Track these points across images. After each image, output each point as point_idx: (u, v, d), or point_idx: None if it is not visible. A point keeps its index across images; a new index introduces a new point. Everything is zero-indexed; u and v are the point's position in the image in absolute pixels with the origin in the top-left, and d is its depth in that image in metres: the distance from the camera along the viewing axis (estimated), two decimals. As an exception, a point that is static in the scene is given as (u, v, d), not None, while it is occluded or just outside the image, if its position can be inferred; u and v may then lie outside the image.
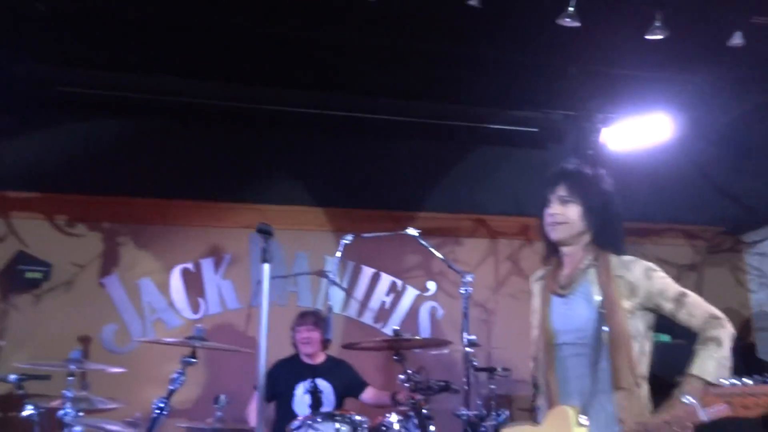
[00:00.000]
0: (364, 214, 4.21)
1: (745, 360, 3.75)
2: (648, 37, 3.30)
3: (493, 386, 3.19)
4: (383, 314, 4.15)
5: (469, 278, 3.39)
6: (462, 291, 3.39)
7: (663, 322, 4.14)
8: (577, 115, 4.41)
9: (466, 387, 3.25)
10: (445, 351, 3.55)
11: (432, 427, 2.83)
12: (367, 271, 4.20)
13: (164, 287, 3.87)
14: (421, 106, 4.11)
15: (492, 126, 4.26)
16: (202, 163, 4.08)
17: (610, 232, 1.87)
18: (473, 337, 3.22)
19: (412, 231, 3.45)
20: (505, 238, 4.48)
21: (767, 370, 3.51)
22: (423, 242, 3.45)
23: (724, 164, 4.75)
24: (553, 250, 1.96)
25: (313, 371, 3.23)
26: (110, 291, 3.82)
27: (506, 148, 4.50)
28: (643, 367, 1.77)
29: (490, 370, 3.17)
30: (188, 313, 3.85)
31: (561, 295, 1.90)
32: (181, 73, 3.75)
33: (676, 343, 3.81)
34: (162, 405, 2.27)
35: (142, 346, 3.76)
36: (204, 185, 4.05)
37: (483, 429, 3.03)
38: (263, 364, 1.96)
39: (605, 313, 1.76)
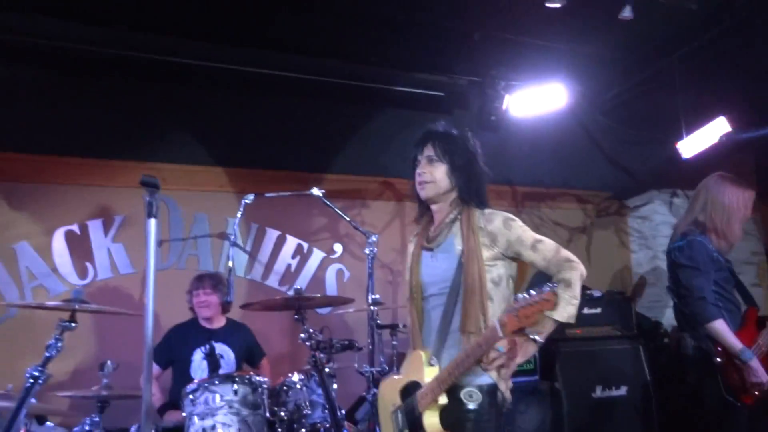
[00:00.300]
0: (268, 174, 4.08)
1: (623, 312, 4.08)
2: (548, 5, 3.42)
3: (395, 343, 3.25)
4: (289, 277, 4.09)
5: (374, 238, 3.42)
6: (367, 252, 3.42)
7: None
8: (482, 81, 4.51)
9: (370, 345, 3.31)
10: (351, 310, 3.57)
11: (334, 385, 2.85)
12: (272, 234, 4.09)
13: (45, 251, 3.55)
14: (327, 65, 4.01)
15: (398, 88, 4.24)
16: (89, 118, 3.73)
17: (473, 189, 2.00)
18: (377, 296, 3.27)
19: (316, 191, 3.40)
20: (412, 201, 4.50)
21: (643, 323, 3.82)
22: (328, 203, 3.42)
23: (612, 134, 5.07)
24: (425, 209, 2.11)
25: (212, 335, 3.14)
26: (-21, 256, 3.45)
27: (413, 112, 4.51)
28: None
29: (393, 327, 3.22)
30: (74, 279, 3.56)
31: (429, 249, 2.02)
32: (65, 15, 3.39)
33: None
34: (36, 374, 2.09)
35: (19, 316, 3.45)
36: (91, 141, 3.71)
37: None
38: (150, 326, 1.83)
39: (464, 262, 1.88)
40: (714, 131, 4.02)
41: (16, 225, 3.52)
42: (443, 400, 1.76)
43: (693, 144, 4.19)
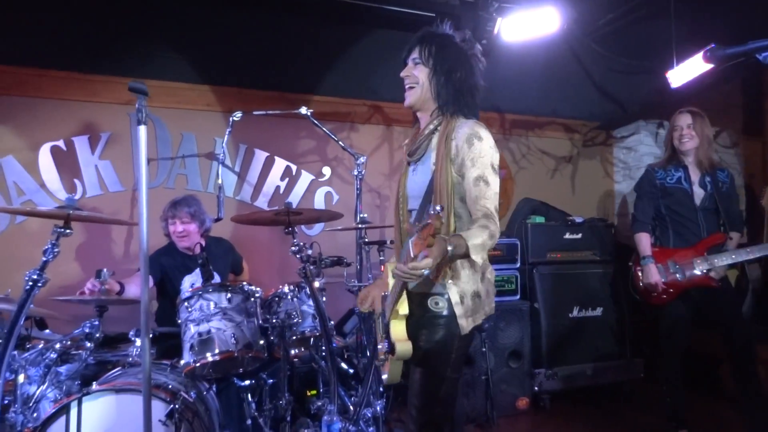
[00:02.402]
0: (256, 94, 4.02)
1: (603, 239, 4.21)
2: None
3: (382, 259, 3.35)
4: (278, 198, 4.12)
5: (362, 159, 3.45)
6: (355, 173, 3.46)
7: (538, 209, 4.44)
8: (474, 2, 4.40)
9: (358, 262, 3.41)
10: (339, 228, 3.63)
11: (324, 298, 2.96)
12: (261, 155, 4.09)
13: (32, 167, 3.52)
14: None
15: (389, 7, 4.12)
16: (73, 30, 3.60)
17: (451, 95, 1.85)
18: (365, 215, 3.34)
19: (304, 110, 3.38)
20: (400, 126, 4.53)
21: (624, 250, 3.93)
22: (316, 122, 3.41)
23: (603, 62, 5.04)
24: (415, 117, 2.00)
25: (196, 261, 3.09)
26: (-35, 170, 3.42)
27: (403, 33, 4.41)
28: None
29: (380, 244, 3.31)
30: (63, 195, 3.55)
31: (411, 162, 1.96)
32: None
33: (548, 224, 4.20)
34: (35, 277, 2.14)
35: (11, 229, 3.47)
36: (75, 55, 3.60)
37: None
38: (145, 230, 1.87)
39: (433, 175, 1.82)
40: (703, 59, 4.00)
41: (2, 139, 3.48)
42: (403, 310, 1.77)
43: (682, 73, 4.18)
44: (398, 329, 1.79)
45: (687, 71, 4.15)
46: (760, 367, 3.30)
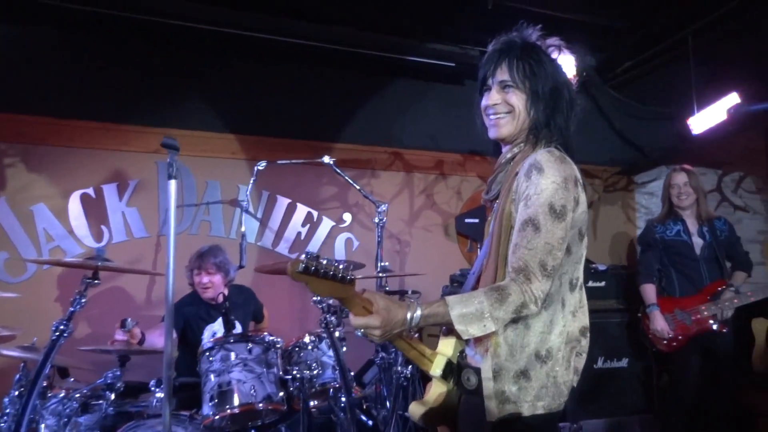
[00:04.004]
0: (280, 142, 4.11)
1: (627, 286, 4.14)
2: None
3: (408, 301, 3.32)
4: (299, 245, 4.15)
5: (383, 207, 3.48)
6: (376, 220, 3.48)
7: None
8: (493, 52, 4.49)
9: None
10: (359, 277, 3.63)
11: (344, 348, 2.93)
12: (283, 201, 4.15)
13: (62, 214, 3.62)
14: (340, 33, 4.00)
15: (410, 58, 4.23)
16: (105, 82, 3.77)
17: (557, 126, 1.48)
18: (386, 263, 3.34)
19: (327, 159, 3.44)
20: (420, 172, 4.57)
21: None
22: (338, 171, 3.46)
23: (623, 108, 5.06)
24: (496, 148, 1.60)
25: (218, 310, 3.01)
26: (-2, 217, 3.53)
27: (424, 83, 4.52)
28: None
29: (401, 293, 3.30)
30: (90, 241, 3.64)
31: (490, 203, 1.59)
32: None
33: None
34: (62, 327, 2.17)
35: (39, 274, 3.54)
36: (106, 105, 3.76)
37: (393, 349, 3.18)
38: (171, 282, 1.90)
39: (492, 230, 1.48)
40: (725, 107, 4.01)
41: (34, 187, 3.59)
42: (434, 372, 1.49)
43: (704, 120, 4.18)
44: (432, 388, 1.55)
45: (708, 118, 4.14)
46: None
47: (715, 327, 3.16)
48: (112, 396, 2.43)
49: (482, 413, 1.39)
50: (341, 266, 1.25)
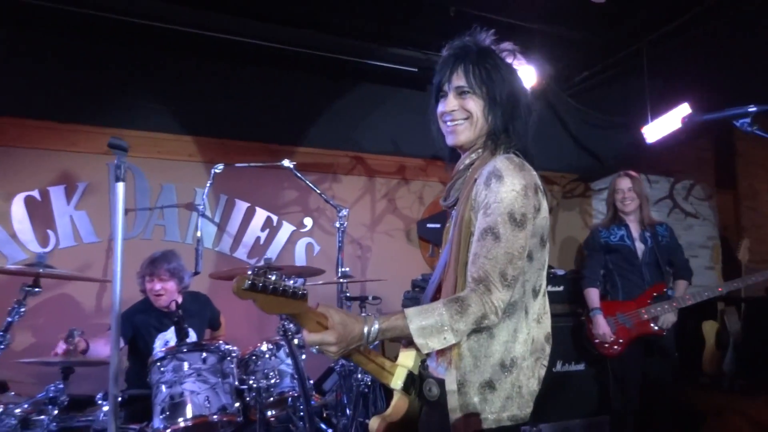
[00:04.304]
0: (239, 145, 4.01)
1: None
2: (524, -17, 3.44)
3: (365, 314, 3.27)
4: (258, 250, 4.06)
5: (344, 212, 3.43)
6: (337, 225, 3.43)
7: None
8: (456, 59, 4.51)
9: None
10: (320, 282, 3.57)
11: (303, 356, 2.87)
12: (241, 206, 4.05)
13: (4, 217, 3.42)
14: (302, 35, 3.93)
15: (372, 62, 4.21)
16: (52, 79, 3.59)
17: (517, 131, 1.45)
18: (347, 269, 3.29)
19: (287, 163, 3.37)
20: (382, 177, 4.55)
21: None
22: (299, 175, 3.39)
23: (580, 116, 5.17)
24: (455, 157, 1.55)
25: (172, 317, 2.91)
26: (-66, 220, 3.31)
27: (386, 87, 4.50)
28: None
29: (362, 299, 3.25)
30: (35, 246, 3.46)
31: (450, 209, 1.56)
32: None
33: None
34: (-1, 338, 2.04)
35: (-23, 282, 3.34)
36: (53, 104, 3.57)
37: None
38: (118, 291, 1.81)
39: (452, 236, 1.44)
40: (677, 117, 4.15)
41: (-27, 189, 3.39)
42: (395, 384, 1.44)
43: (657, 129, 4.31)
44: (394, 401, 1.48)
45: (661, 127, 4.27)
46: (744, 420, 3.33)
47: (655, 329, 3.23)
48: (56, 411, 2.30)
49: (445, 425, 1.36)
50: (291, 281, 1.19)
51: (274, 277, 1.17)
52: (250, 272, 1.15)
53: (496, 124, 1.44)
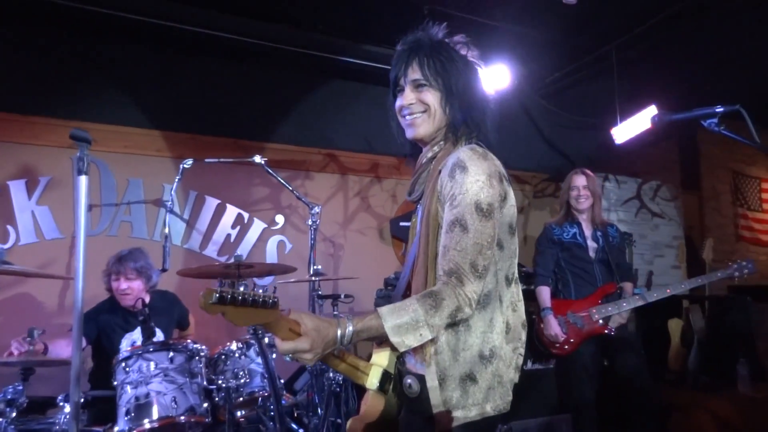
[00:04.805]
0: (208, 140, 3.94)
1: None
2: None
3: (336, 313, 3.25)
4: (228, 247, 3.99)
5: (317, 209, 3.39)
6: (310, 223, 3.39)
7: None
8: (429, 57, 4.51)
9: (310, 316, 3.29)
10: (291, 280, 3.53)
11: (274, 355, 2.82)
12: (212, 202, 3.97)
13: (-40, 212, 3.29)
14: (274, 30, 3.88)
15: (345, 59, 4.17)
16: (12, 69, 3.46)
17: (475, 122, 1.45)
18: (319, 267, 3.26)
19: (258, 159, 3.32)
20: (355, 175, 4.52)
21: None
22: (270, 171, 3.35)
23: (551, 117, 5.24)
24: (417, 151, 1.57)
25: (138, 316, 2.74)
26: None
27: (359, 84, 4.47)
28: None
29: (334, 297, 3.22)
30: (-7, 243, 3.33)
31: (416, 204, 1.55)
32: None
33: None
34: (-46, 337, 1.94)
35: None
36: (14, 95, 3.45)
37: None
38: (80, 289, 1.74)
39: (420, 230, 1.43)
40: (645, 118, 4.23)
41: (-74, 183, 3.24)
42: (371, 384, 1.43)
43: (625, 130, 4.39)
44: (369, 401, 1.45)
45: (630, 129, 4.36)
46: (708, 416, 3.37)
47: (605, 330, 3.20)
48: (14, 413, 2.20)
49: (427, 421, 1.35)
50: (260, 290, 1.17)
51: (242, 288, 1.15)
52: (217, 285, 1.13)
53: (455, 115, 1.44)
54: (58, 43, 3.58)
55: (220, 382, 2.54)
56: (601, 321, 3.21)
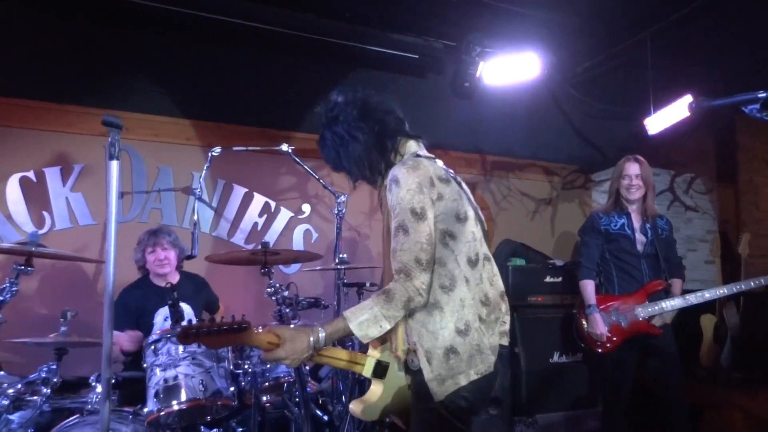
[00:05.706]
0: (236, 129, 3.97)
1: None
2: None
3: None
4: (255, 235, 4.02)
5: (343, 198, 3.40)
6: (335, 212, 3.40)
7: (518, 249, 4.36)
8: (457, 46, 4.47)
9: (336, 304, 3.32)
10: (317, 268, 3.55)
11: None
12: (239, 190, 4.01)
13: (-1, 198, 3.40)
14: (301, 19, 3.88)
15: (372, 48, 4.15)
16: (49, 60, 3.54)
17: (357, 167, 1.76)
18: (344, 255, 3.27)
19: (286, 147, 3.34)
20: (382, 165, 4.50)
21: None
22: (297, 159, 3.36)
23: (582, 107, 5.13)
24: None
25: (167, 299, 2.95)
26: (-73, 200, 3.27)
27: (386, 74, 4.44)
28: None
29: (359, 285, 3.23)
30: (30, 228, 3.41)
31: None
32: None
33: (529, 267, 4.17)
34: (-10, 317, 2.01)
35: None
36: (50, 85, 3.52)
37: (349, 345, 3.12)
38: (112, 272, 1.78)
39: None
40: (680, 108, 4.11)
41: (-33, 168, 3.35)
42: (366, 373, 1.73)
43: (659, 121, 4.27)
44: (371, 387, 1.75)
45: (664, 119, 4.24)
46: (740, 414, 3.27)
47: (650, 328, 3.06)
48: (48, 391, 2.28)
49: (428, 391, 1.59)
50: (228, 319, 1.47)
51: (207, 320, 1.48)
52: (184, 322, 1.48)
53: (362, 170, 1.74)
54: (91, 34, 3.65)
55: (246, 366, 2.57)
56: (647, 320, 3.06)
